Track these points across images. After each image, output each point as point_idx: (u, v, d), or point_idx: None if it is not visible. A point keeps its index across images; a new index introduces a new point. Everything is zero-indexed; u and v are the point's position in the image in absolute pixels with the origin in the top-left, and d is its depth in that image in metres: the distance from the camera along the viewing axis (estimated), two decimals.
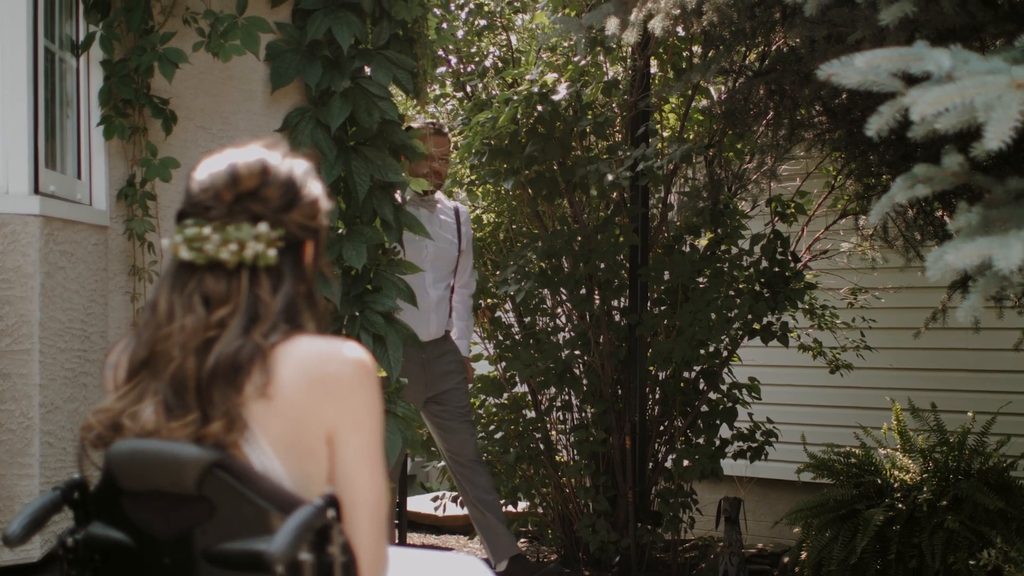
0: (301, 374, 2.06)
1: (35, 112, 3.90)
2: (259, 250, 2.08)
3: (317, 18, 4.50)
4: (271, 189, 2.12)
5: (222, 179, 2.10)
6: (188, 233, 2.07)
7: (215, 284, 2.07)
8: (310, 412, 2.06)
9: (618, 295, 6.43)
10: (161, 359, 2.07)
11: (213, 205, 2.09)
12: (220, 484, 2.00)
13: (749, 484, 7.31)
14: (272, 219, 2.11)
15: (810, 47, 4.42)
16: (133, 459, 2.05)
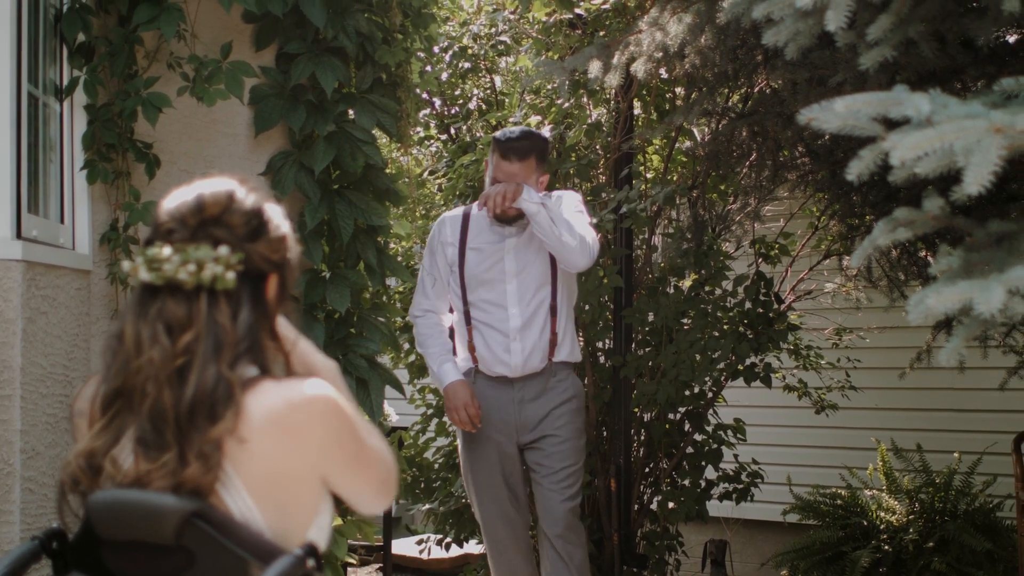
0: (272, 424, 2.04)
1: (18, 157, 3.90)
2: (217, 272, 2.07)
3: (301, 62, 4.51)
4: (235, 216, 2.12)
5: (188, 206, 2.10)
6: (148, 254, 2.06)
7: (175, 307, 2.06)
8: (287, 460, 2.05)
9: (602, 337, 6.43)
10: (135, 394, 2.06)
11: (176, 229, 2.08)
12: (199, 534, 1.99)
13: (735, 526, 7.29)
14: (234, 245, 2.11)
15: (792, 89, 4.44)
16: (111, 509, 2.03)
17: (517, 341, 4.75)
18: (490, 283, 4.78)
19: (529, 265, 4.79)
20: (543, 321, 4.78)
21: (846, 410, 6.91)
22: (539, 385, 4.81)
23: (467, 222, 4.86)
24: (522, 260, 4.78)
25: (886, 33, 3.02)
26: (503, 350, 4.75)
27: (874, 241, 2.70)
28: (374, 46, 4.70)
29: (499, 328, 4.76)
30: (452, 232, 4.87)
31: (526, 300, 4.77)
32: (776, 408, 7.25)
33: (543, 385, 4.81)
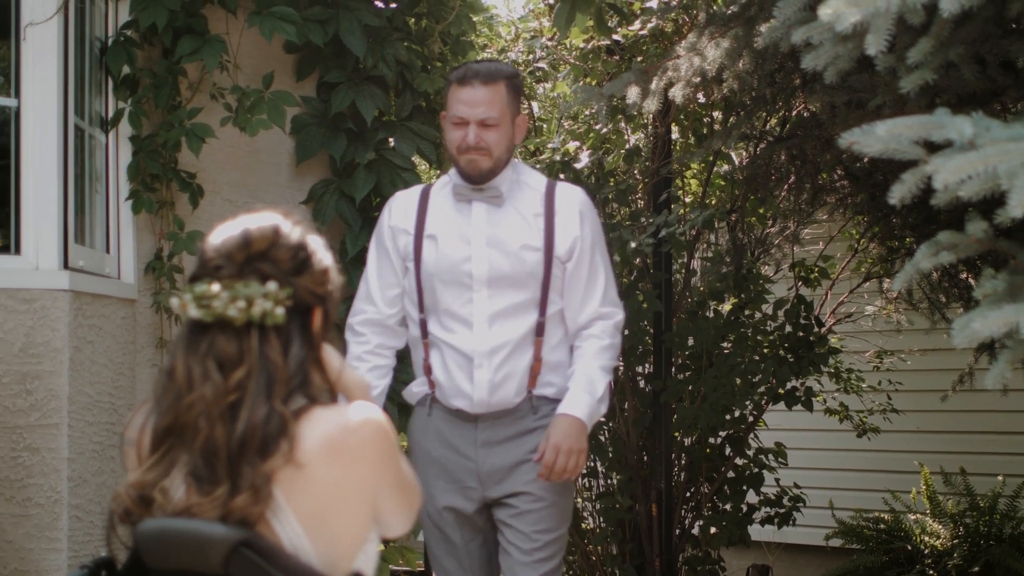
0: (327, 449, 2.06)
1: (65, 188, 3.96)
2: (267, 308, 2.08)
3: (341, 91, 4.55)
4: (282, 251, 2.12)
5: (234, 241, 2.11)
6: (197, 291, 2.07)
7: (226, 344, 2.07)
8: (340, 485, 2.07)
9: (642, 361, 6.42)
10: (187, 429, 2.07)
11: (224, 265, 2.09)
12: (247, 563, 2.00)
13: (777, 550, 7.24)
14: (281, 280, 2.11)
15: (831, 113, 4.44)
16: (160, 538, 2.05)
17: (483, 368, 3.53)
18: (452, 285, 3.56)
19: (508, 264, 3.55)
20: (524, 342, 3.56)
21: (888, 433, 6.86)
22: (511, 426, 3.58)
23: (426, 202, 3.65)
24: (498, 257, 3.55)
25: (926, 56, 3.02)
26: (464, 378, 3.55)
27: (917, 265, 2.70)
28: (413, 74, 4.74)
29: (460, 349, 3.54)
30: (406, 214, 3.66)
31: (500, 313, 3.55)
32: (817, 431, 7.21)
33: (517, 426, 3.58)
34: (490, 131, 3.51)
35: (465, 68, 3.58)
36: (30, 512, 3.69)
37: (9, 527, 3.65)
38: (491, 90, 3.51)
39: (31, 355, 3.74)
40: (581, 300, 3.61)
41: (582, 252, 3.61)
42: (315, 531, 2.06)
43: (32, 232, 3.88)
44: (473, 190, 3.57)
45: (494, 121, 3.51)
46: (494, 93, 3.51)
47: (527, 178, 3.72)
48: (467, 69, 3.56)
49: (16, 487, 3.67)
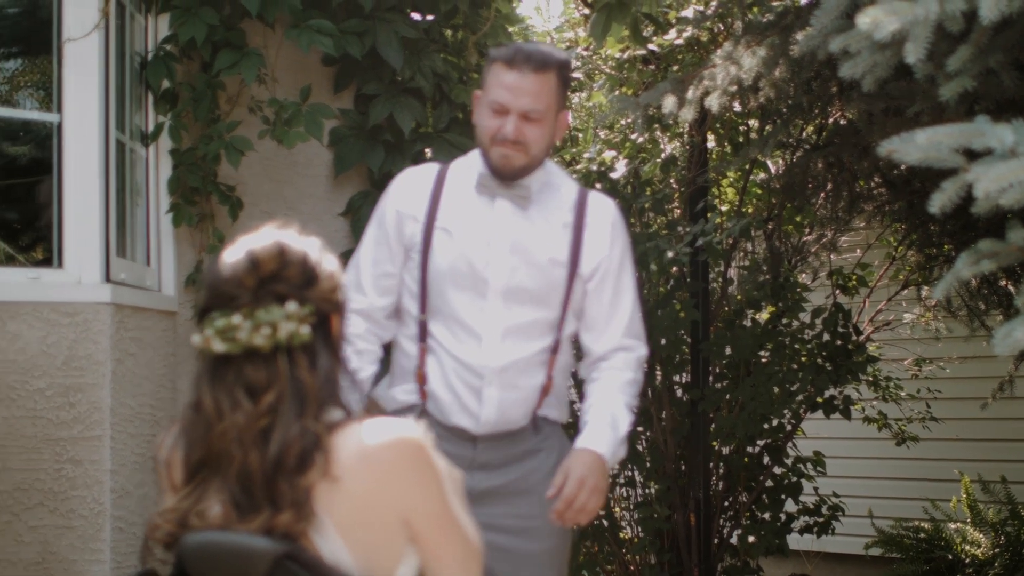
0: (363, 462, 2.07)
1: (106, 202, 3.99)
2: (292, 329, 2.07)
3: (379, 103, 4.57)
4: (291, 268, 2.10)
5: (242, 267, 2.08)
6: (218, 325, 2.06)
7: (255, 372, 2.06)
8: (376, 497, 2.07)
9: (680, 371, 6.41)
10: (221, 458, 2.06)
11: (237, 294, 2.07)
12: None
13: (816, 559, 7.21)
14: (298, 297, 2.10)
15: (868, 120, 4.43)
16: (203, 551, 2.06)
17: (493, 387, 3.18)
18: (464, 290, 3.18)
19: (530, 277, 3.18)
20: (537, 360, 3.21)
21: (927, 441, 6.82)
22: (512, 447, 3.25)
23: (440, 187, 3.24)
24: (521, 267, 3.17)
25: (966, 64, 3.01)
26: (471, 395, 3.18)
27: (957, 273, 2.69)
28: (450, 85, 4.76)
29: (467, 362, 3.18)
30: (416, 199, 3.24)
31: (515, 329, 3.19)
32: (856, 440, 7.18)
33: (518, 447, 3.25)
34: (532, 125, 3.08)
35: (515, 49, 3.09)
36: (74, 524, 3.72)
37: (53, 539, 3.68)
38: (541, 79, 3.06)
39: (74, 368, 3.78)
40: (602, 327, 3.22)
41: (607, 273, 3.23)
42: (354, 543, 2.07)
43: (74, 246, 3.92)
44: (500, 185, 3.16)
45: (539, 115, 3.08)
46: (543, 83, 3.07)
47: (559, 181, 3.31)
48: (517, 50, 3.08)
49: (60, 499, 3.71)
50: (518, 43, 3.26)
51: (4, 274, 3.90)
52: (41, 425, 3.71)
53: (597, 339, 3.22)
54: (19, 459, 3.67)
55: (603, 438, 3.07)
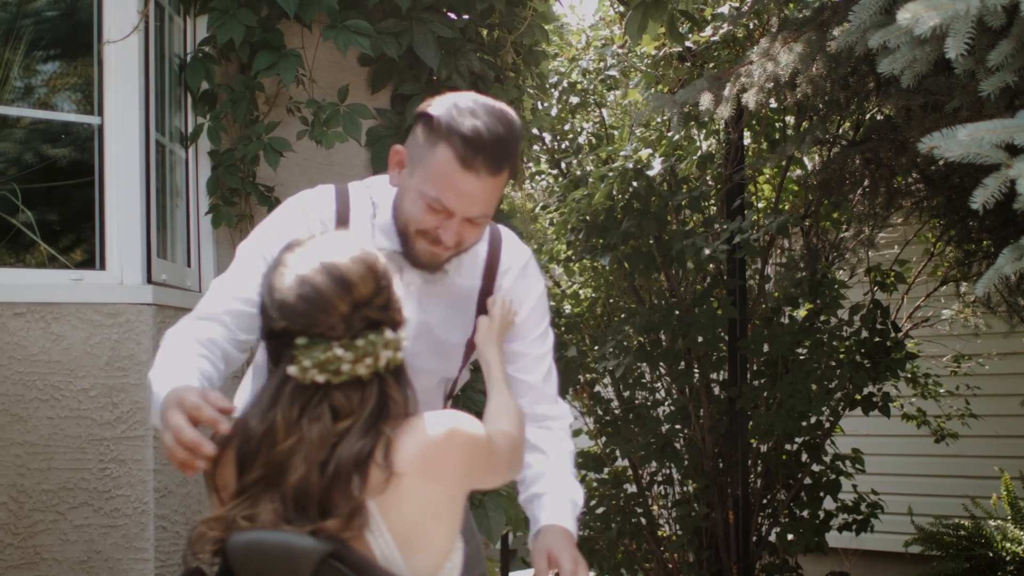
0: (419, 462, 2.07)
1: (147, 204, 4.02)
2: (391, 356, 2.07)
3: (416, 103, 4.58)
4: (383, 293, 2.08)
5: (334, 291, 2.04)
6: (319, 358, 2.02)
7: (346, 396, 2.05)
8: (432, 493, 2.08)
9: (717, 368, 6.41)
10: (281, 472, 2.05)
11: (332, 323, 2.03)
12: (335, 575, 2.02)
13: (855, 557, 7.18)
14: (389, 321, 2.09)
15: (906, 116, 4.41)
16: (249, 550, 2.07)
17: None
18: None
19: (433, 360, 2.75)
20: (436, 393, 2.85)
21: (967, 438, 6.79)
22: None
23: (346, 215, 2.66)
24: (424, 351, 2.68)
25: (1006, 58, 3.00)
26: None
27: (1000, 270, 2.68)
28: (487, 85, 4.76)
29: None
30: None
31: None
32: (895, 437, 7.15)
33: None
34: (474, 228, 2.52)
35: (473, 140, 2.40)
36: (118, 523, 3.75)
37: (98, 537, 3.72)
38: (498, 181, 2.47)
39: (117, 368, 3.80)
40: (536, 393, 2.85)
41: (527, 341, 2.81)
42: (407, 544, 2.07)
43: (116, 248, 3.95)
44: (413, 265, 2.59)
45: (483, 219, 2.52)
46: (499, 184, 2.48)
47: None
48: (475, 143, 2.40)
49: (104, 498, 3.74)
50: (474, 124, 2.39)
51: (47, 276, 3.93)
52: (85, 425, 3.74)
53: (531, 403, 2.81)
54: (64, 459, 3.71)
55: (568, 515, 2.82)
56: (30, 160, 4.27)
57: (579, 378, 6.73)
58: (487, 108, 2.46)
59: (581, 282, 6.95)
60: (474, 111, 2.44)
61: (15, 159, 4.28)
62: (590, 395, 6.83)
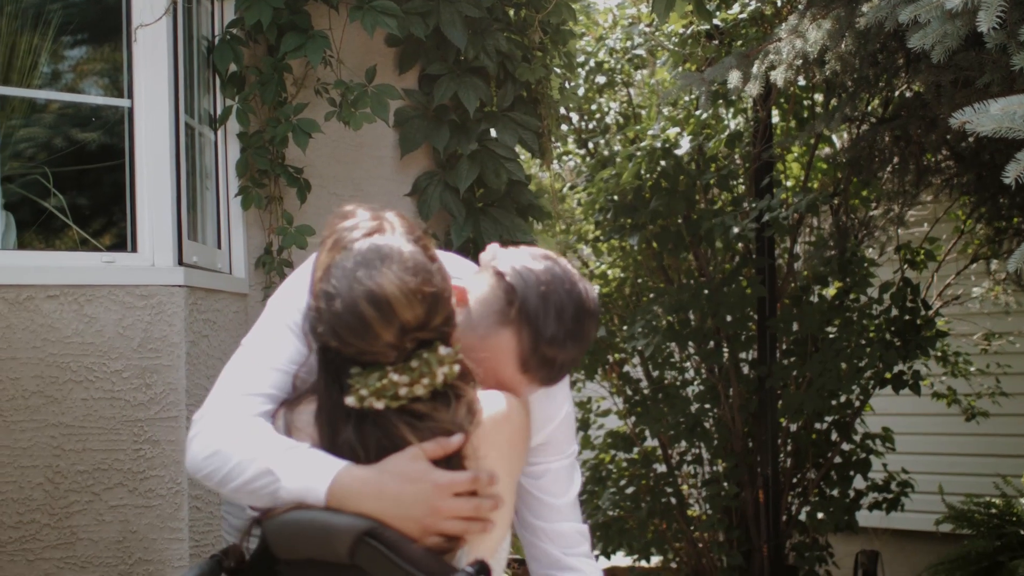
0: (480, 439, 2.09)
1: (178, 186, 4.03)
2: (447, 372, 2.04)
3: (443, 83, 4.58)
4: (434, 317, 2.04)
5: (377, 320, 1.99)
6: (376, 385, 2.01)
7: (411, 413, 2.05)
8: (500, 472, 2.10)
9: (746, 347, 6.40)
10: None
11: (383, 351, 2.01)
12: (372, 553, 2.02)
13: (885, 536, 7.17)
14: (443, 337, 2.07)
15: (936, 92, 4.38)
16: (287, 529, 2.08)
17: None
18: None
19: None
20: None
21: (998, 417, 6.76)
22: None
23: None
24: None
25: None
26: None
27: None
28: (514, 64, 4.75)
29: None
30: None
31: None
32: (925, 416, 7.12)
33: None
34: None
35: (544, 351, 2.18)
36: (152, 503, 3.77)
37: (133, 518, 3.74)
38: (548, 390, 2.34)
39: (149, 350, 3.82)
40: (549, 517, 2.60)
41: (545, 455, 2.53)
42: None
43: (147, 230, 3.96)
44: None
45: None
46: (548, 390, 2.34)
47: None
48: (546, 357, 2.19)
49: (138, 479, 3.76)
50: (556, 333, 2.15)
51: (80, 259, 3.95)
52: (119, 406, 3.77)
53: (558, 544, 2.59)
54: (99, 440, 3.73)
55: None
56: (60, 144, 4.29)
57: (608, 358, 6.73)
58: (576, 309, 2.16)
59: (609, 262, 6.95)
60: (561, 309, 2.15)
61: (45, 144, 4.30)
62: (619, 375, 6.83)
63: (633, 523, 6.61)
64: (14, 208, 4.10)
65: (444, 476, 2.01)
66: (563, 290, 2.16)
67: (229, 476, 2.12)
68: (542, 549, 2.48)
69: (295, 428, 2.13)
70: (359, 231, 2.09)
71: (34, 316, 3.69)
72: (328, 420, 2.08)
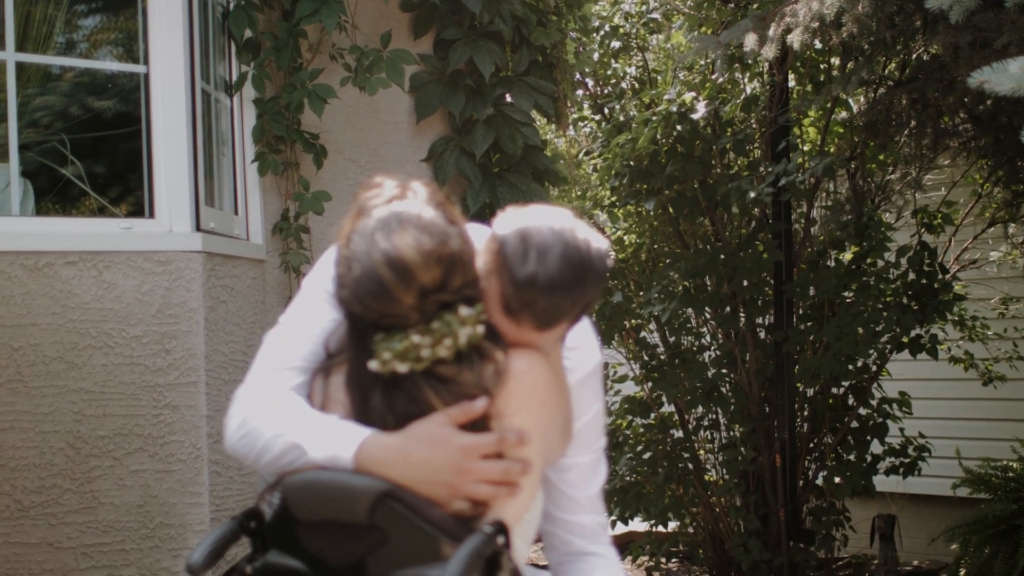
0: (509, 396, 2.09)
1: (194, 152, 4.03)
2: (470, 333, 2.04)
3: (458, 48, 4.58)
4: (453, 277, 2.03)
5: (396, 283, 2.00)
6: (398, 348, 2.01)
7: (442, 371, 2.05)
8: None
9: (763, 312, 6.39)
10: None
11: (405, 314, 2.01)
12: (391, 513, 2.03)
13: (902, 500, 7.17)
14: (465, 298, 2.06)
15: (954, 54, 4.36)
16: (307, 490, 2.09)
17: None
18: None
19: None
20: None
21: (1015, 381, 6.74)
22: None
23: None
24: None
25: None
26: None
27: None
28: (529, 28, 4.74)
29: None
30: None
31: None
32: (942, 381, 7.11)
33: None
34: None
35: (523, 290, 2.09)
36: (173, 468, 3.80)
37: (154, 482, 3.77)
38: (544, 336, 2.18)
39: (168, 316, 3.84)
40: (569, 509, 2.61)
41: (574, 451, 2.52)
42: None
43: (165, 196, 3.97)
44: None
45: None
46: (547, 337, 2.20)
47: None
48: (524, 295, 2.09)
49: (159, 444, 3.79)
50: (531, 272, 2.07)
51: (98, 225, 3.96)
52: (139, 372, 3.79)
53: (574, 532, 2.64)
54: (119, 405, 3.75)
55: None
56: (76, 112, 4.30)
57: (625, 324, 6.72)
58: (563, 249, 2.11)
59: (625, 228, 6.93)
60: (544, 249, 2.09)
61: (62, 112, 4.31)
62: (636, 341, 6.83)
63: (650, 488, 6.62)
64: (32, 176, 4.12)
65: (469, 439, 2.02)
66: (550, 232, 2.11)
67: (261, 453, 2.16)
68: (561, 538, 2.49)
69: (329, 397, 2.15)
70: (381, 198, 2.10)
71: (53, 282, 3.71)
72: (358, 387, 2.10)
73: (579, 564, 2.49)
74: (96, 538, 3.69)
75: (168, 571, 3.76)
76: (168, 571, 3.76)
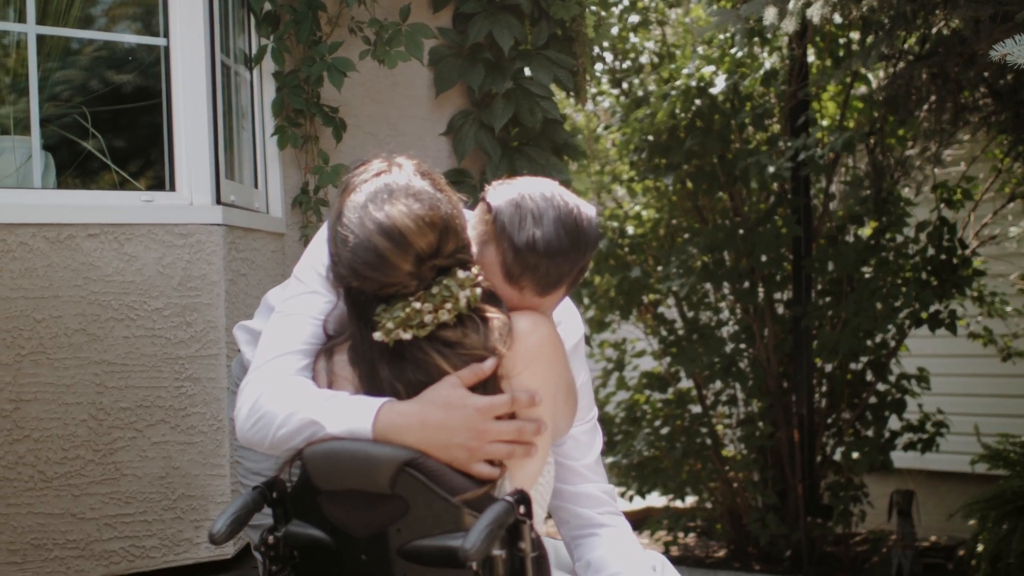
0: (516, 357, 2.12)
1: (215, 125, 4.03)
2: (469, 295, 2.09)
3: (478, 21, 4.57)
4: (447, 242, 2.09)
5: (392, 251, 2.05)
6: (399, 316, 2.06)
7: (445, 335, 2.09)
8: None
9: (782, 287, 6.39)
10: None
11: (404, 282, 2.06)
12: (413, 482, 2.05)
13: (919, 477, 7.17)
14: (460, 261, 2.12)
15: (974, 28, 4.34)
16: (328, 459, 2.11)
17: None
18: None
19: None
20: None
21: None
22: None
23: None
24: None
25: None
26: None
27: None
28: (548, 2, 4.73)
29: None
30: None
31: None
32: (961, 357, 7.10)
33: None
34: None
35: (523, 254, 2.20)
36: (194, 440, 3.82)
37: (175, 454, 3.79)
38: (545, 300, 2.28)
39: (189, 288, 3.85)
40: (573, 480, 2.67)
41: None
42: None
43: (185, 169, 3.97)
44: None
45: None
46: (547, 302, 2.29)
47: None
48: (525, 259, 2.21)
49: (180, 416, 3.80)
50: (530, 236, 2.18)
51: (119, 198, 3.97)
52: (160, 344, 3.80)
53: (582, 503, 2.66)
54: (141, 377, 3.77)
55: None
56: (96, 85, 4.30)
57: (643, 299, 6.73)
58: (556, 213, 2.20)
59: (644, 203, 6.93)
60: (538, 215, 2.19)
61: (82, 86, 4.31)
62: (654, 315, 6.83)
63: (668, 463, 6.64)
64: (53, 149, 4.12)
65: (484, 400, 2.07)
66: (540, 197, 2.21)
67: (276, 435, 2.19)
68: (570, 511, 2.52)
69: (336, 376, 2.18)
70: (368, 174, 2.16)
71: (75, 254, 3.72)
72: (365, 361, 2.13)
73: (590, 540, 2.51)
74: (119, 509, 3.71)
75: (190, 542, 3.78)
76: (190, 542, 3.78)
